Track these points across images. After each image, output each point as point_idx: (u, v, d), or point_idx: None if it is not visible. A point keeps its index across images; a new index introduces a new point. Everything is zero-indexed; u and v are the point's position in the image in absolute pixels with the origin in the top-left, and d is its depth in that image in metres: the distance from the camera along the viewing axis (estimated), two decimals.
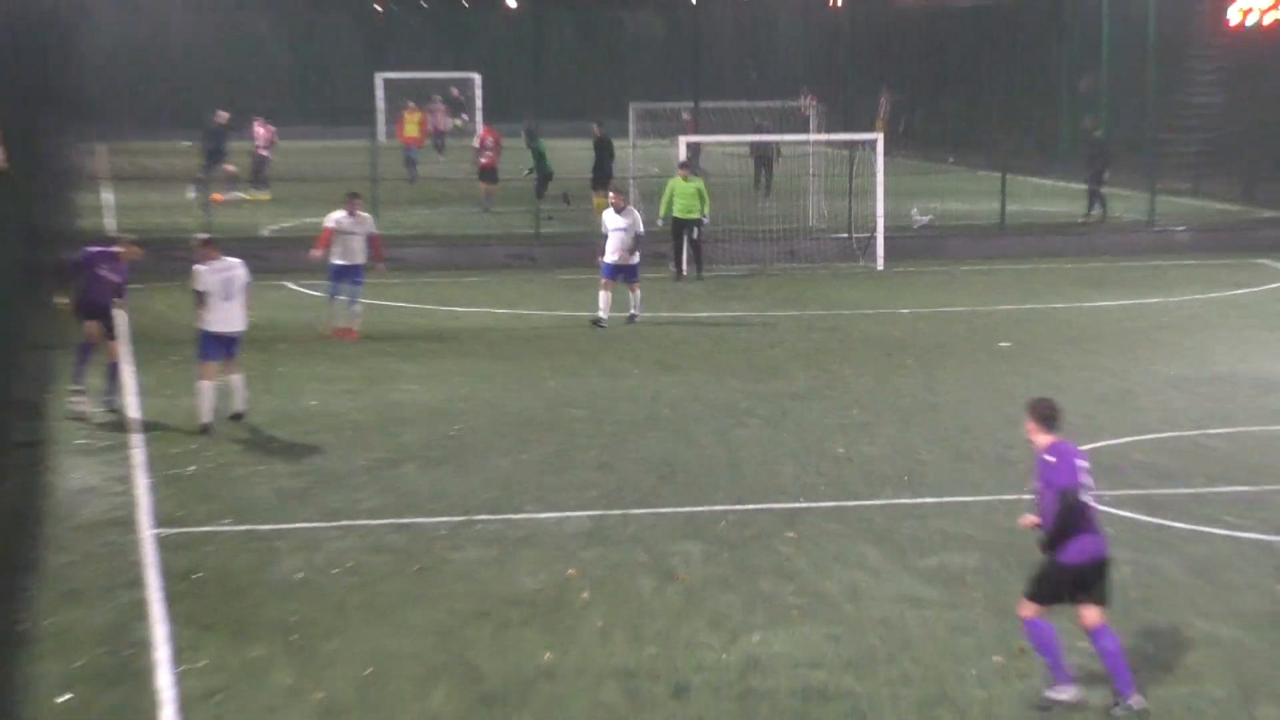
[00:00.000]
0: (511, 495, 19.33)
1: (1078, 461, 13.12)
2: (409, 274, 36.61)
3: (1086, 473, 13.14)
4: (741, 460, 20.90)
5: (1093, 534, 13.09)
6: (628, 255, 30.32)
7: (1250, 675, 13.83)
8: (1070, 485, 12.99)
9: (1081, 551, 13.07)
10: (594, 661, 14.11)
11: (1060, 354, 27.96)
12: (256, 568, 16.71)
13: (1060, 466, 13.16)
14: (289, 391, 24.97)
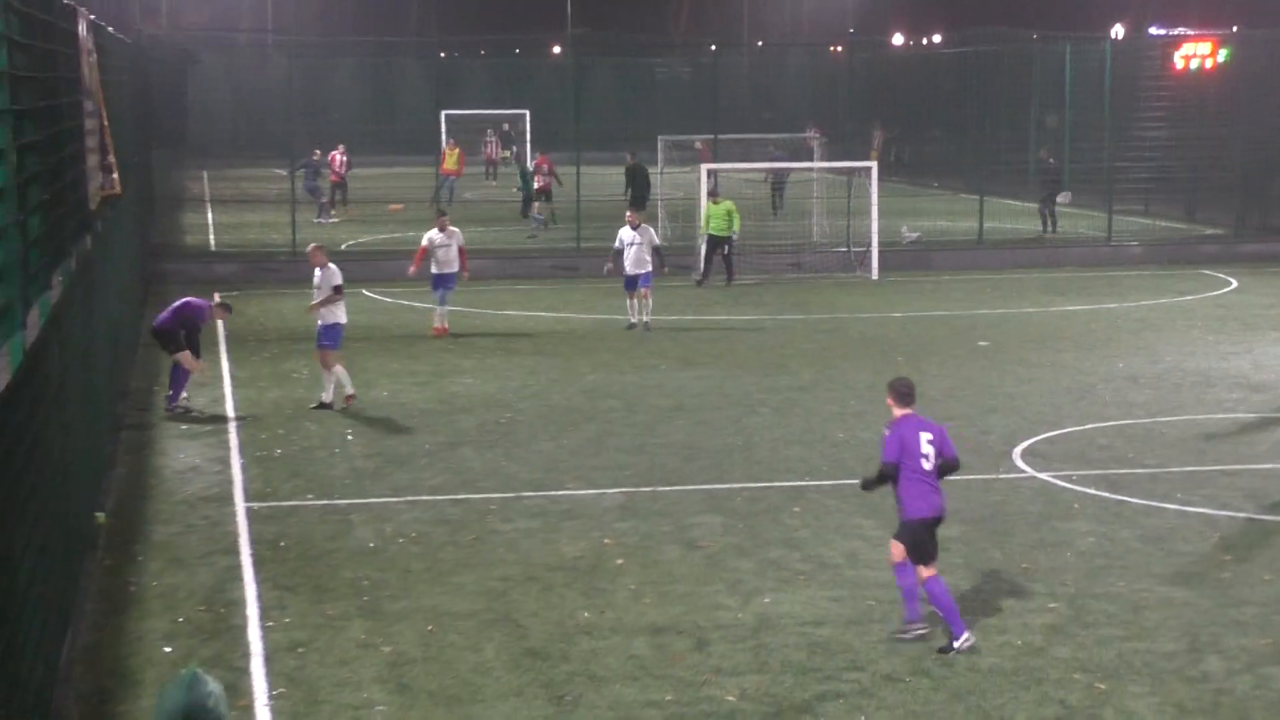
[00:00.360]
0: (555, 474, 19.18)
1: (919, 436, 13.36)
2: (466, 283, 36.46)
3: (928, 443, 13.32)
4: (754, 444, 20.73)
5: (930, 495, 13.33)
6: (642, 266, 29.71)
7: (1199, 632, 13.66)
8: (886, 460, 13.41)
9: (918, 509, 13.28)
10: (627, 619, 13.96)
11: (1030, 352, 27.77)
12: (334, 537, 16.58)
13: (888, 440, 13.49)
14: (363, 384, 24.81)
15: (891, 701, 12.11)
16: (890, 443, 13.47)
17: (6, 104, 9.43)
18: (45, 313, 11.67)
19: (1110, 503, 17.85)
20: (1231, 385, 24.66)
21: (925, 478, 13.34)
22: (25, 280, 10.24)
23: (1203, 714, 11.91)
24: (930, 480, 13.37)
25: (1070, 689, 12.37)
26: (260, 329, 30.73)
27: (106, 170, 19.08)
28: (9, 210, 9.45)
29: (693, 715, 11.85)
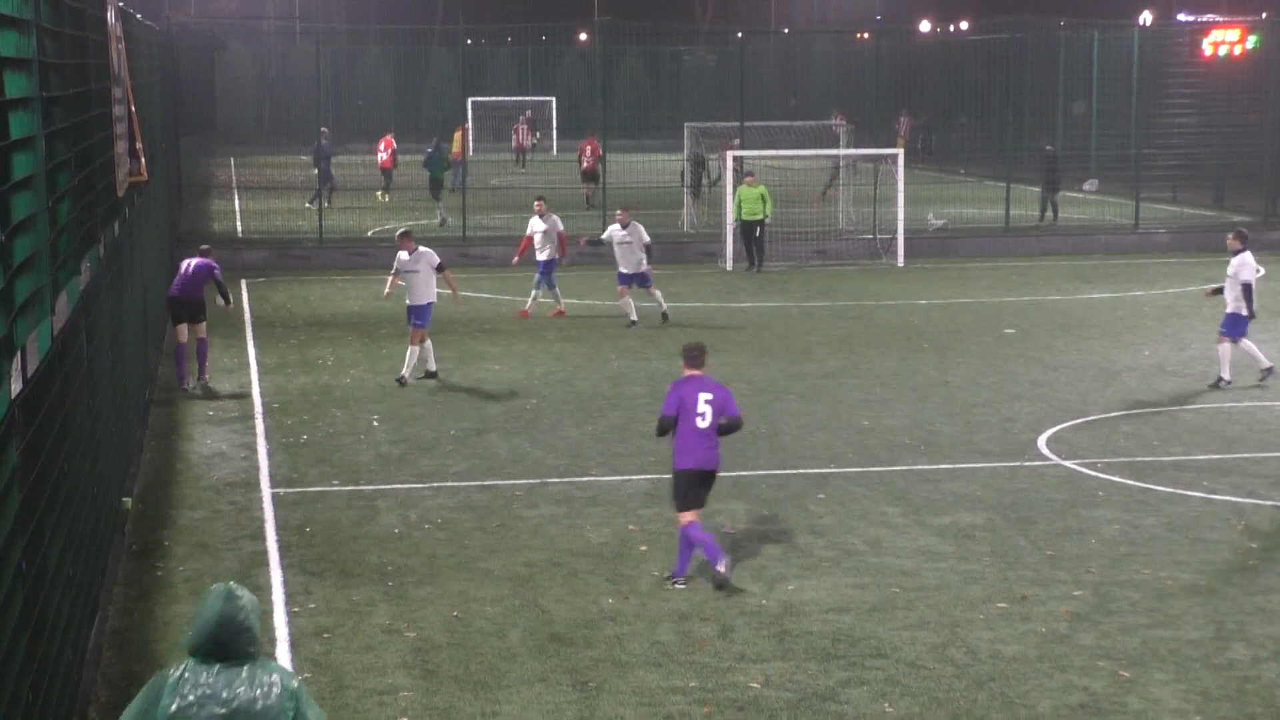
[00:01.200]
0: (580, 461, 19.21)
1: (698, 396, 14.40)
2: (492, 269, 36.59)
3: (705, 403, 14.36)
4: (780, 431, 20.73)
5: (698, 449, 14.35)
6: (636, 265, 29.08)
7: (1224, 620, 13.64)
8: (663, 414, 14.54)
9: (684, 461, 14.41)
10: (651, 605, 13.99)
11: (1056, 339, 27.73)
12: (359, 523, 16.63)
13: (668, 396, 14.60)
14: (390, 370, 24.89)
15: (915, 689, 12.12)
16: (670, 398, 14.57)
17: (36, 91, 9.48)
18: (74, 298, 11.73)
19: (1135, 490, 17.82)
20: (1258, 372, 24.57)
21: (698, 433, 14.40)
22: (54, 266, 10.30)
23: (1228, 701, 11.91)
24: (704, 436, 14.41)
25: (1094, 676, 12.37)
26: (287, 315, 30.81)
27: (134, 156, 19.16)
28: (38, 197, 9.50)
29: (716, 702, 11.88)
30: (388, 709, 11.76)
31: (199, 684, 7.13)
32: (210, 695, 7.11)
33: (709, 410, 14.38)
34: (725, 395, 14.60)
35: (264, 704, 7.11)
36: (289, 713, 7.17)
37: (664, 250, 39.55)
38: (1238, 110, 48.11)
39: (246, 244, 39.91)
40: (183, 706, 7.09)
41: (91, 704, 11.77)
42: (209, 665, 7.18)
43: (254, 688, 7.15)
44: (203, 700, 7.10)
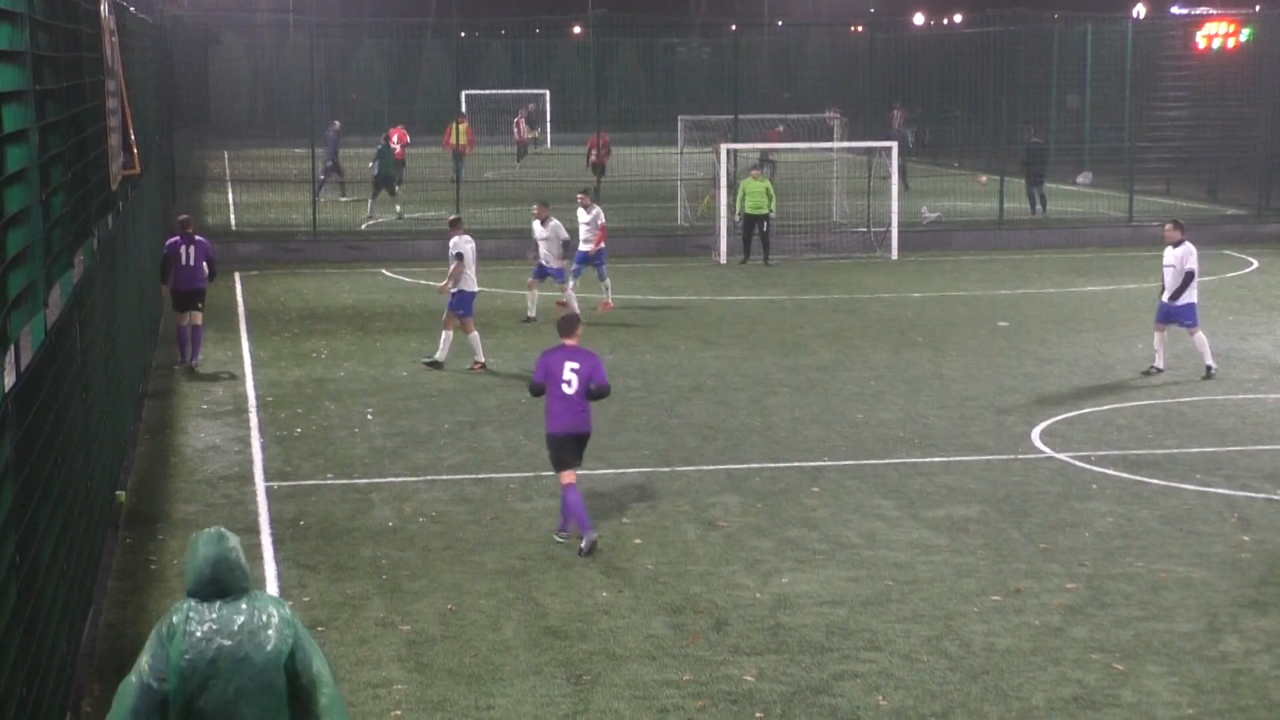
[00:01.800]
0: None
1: (564, 364, 15.39)
2: (485, 263, 36.49)
3: (571, 371, 15.33)
4: (773, 424, 20.74)
5: (565, 414, 15.34)
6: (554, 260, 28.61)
7: (1217, 613, 13.66)
8: (533, 381, 15.66)
9: (553, 426, 15.41)
10: (645, 599, 13.99)
11: (1050, 332, 27.75)
12: (353, 516, 16.63)
13: (538, 365, 15.67)
14: (384, 363, 24.91)
15: (909, 681, 12.13)
16: (538, 367, 15.64)
17: (29, 84, 9.46)
18: (68, 292, 11.72)
19: (1129, 483, 17.83)
20: (1252, 366, 24.62)
21: (565, 399, 15.35)
22: (48, 259, 10.28)
23: (1221, 694, 11.92)
24: (571, 402, 15.38)
25: (1088, 669, 12.38)
26: (281, 308, 30.80)
27: (127, 150, 19.13)
28: (32, 190, 9.49)
29: (710, 695, 11.88)
30: (382, 702, 11.76)
31: (204, 620, 7.80)
32: (216, 629, 7.79)
33: (575, 378, 15.32)
34: (593, 363, 15.48)
35: (265, 631, 7.82)
36: (289, 639, 7.85)
37: (659, 243, 39.60)
38: (1231, 103, 48.11)
39: (240, 237, 39.88)
40: (193, 643, 7.74)
41: (85, 697, 11.77)
42: (209, 603, 7.86)
43: (254, 618, 7.86)
44: (209, 635, 7.78)
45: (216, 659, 7.75)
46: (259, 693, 7.77)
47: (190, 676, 7.73)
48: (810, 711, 11.59)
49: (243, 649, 7.78)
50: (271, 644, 7.81)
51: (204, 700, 7.74)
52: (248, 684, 7.77)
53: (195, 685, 7.73)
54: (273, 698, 7.80)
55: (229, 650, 7.76)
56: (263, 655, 7.78)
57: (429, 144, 53.37)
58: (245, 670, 7.76)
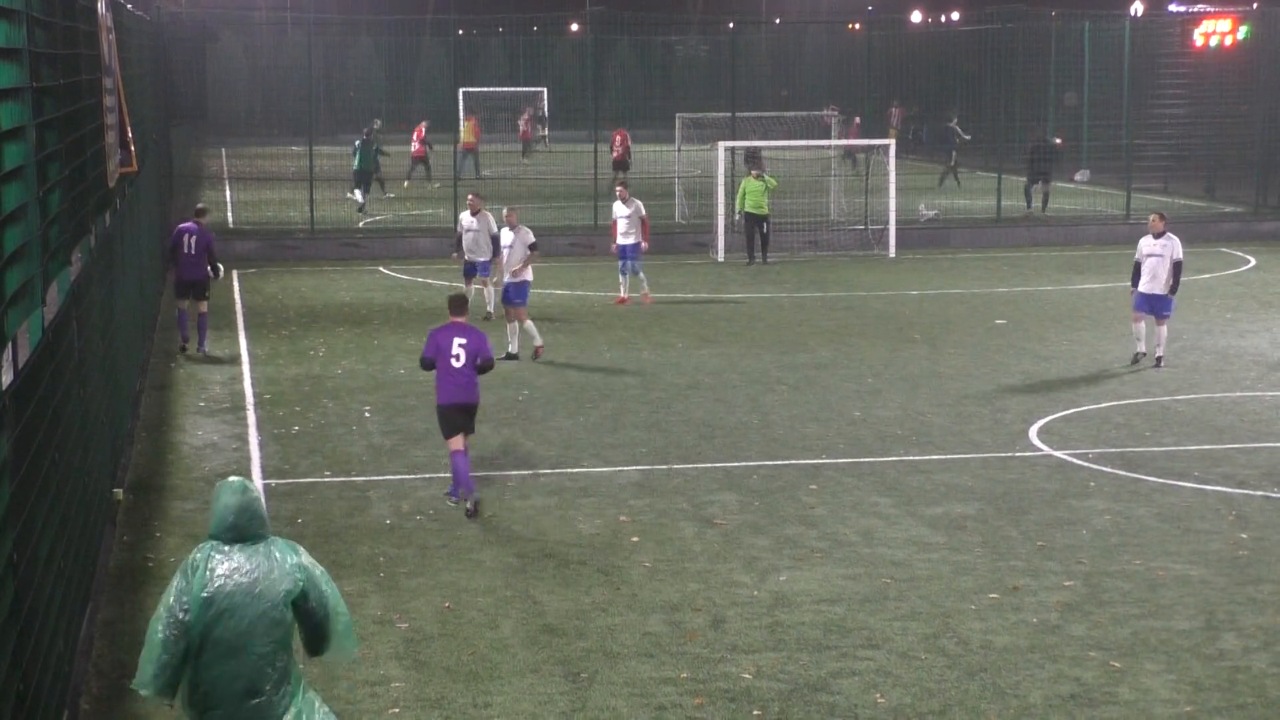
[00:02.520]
0: (571, 451, 19.21)
1: (453, 340, 16.57)
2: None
3: (459, 346, 16.49)
4: (771, 422, 20.74)
5: (452, 386, 16.51)
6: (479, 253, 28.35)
7: (1215, 610, 13.67)
8: (423, 355, 16.81)
9: (442, 397, 16.61)
10: (643, 596, 13.99)
11: (1048, 330, 27.76)
12: (351, 513, 16.63)
13: (428, 341, 16.82)
14: (382, 361, 24.91)
15: (906, 679, 12.13)
16: (428, 343, 16.76)
17: (26, 81, 9.45)
18: (65, 289, 11.71)
19: (1127, 481, 17.83)
20: (1249, 363, 24.63)
21: (453, 372, 16.51)
22: (45, 256, 10.28)
23: (1219, 691, 11.92)
24: (459, 375, 16.55)
25: (1086, 667, 12.38)
26: (279, 306, 30.80)
27: (124, 147, 19.12)
28: (29, 187, 9.48)
29: (708, 692, 11.88)
30: (379, 700, 11.76)
31: (224, 561, 8.85)
32: (235, 569, 8.83)
33: (463, 352, 16.53)
34: (480, 340, 16.74)
35: (280, 572, 8.86)
36: (300, 582, 8.90)
37: (656, 241, 39.50)
38: (1229, 101, 48.14)
39: (238, 234, 39.86)
40: (214, 579, 8.78)
41: (83, 695, 11.76)
42: (230, 546, 8.91)
43: (269, 562, 8.90)
44: (229, 574, 8.81)
45: (234, 595, 8.77)
46: (270, 626, 8.82)
47: (209, 609, 8.74)
48: (808, 709, 11.59)
49: (257, 587, 8.80)
50: (284, 585, 8.85)
51: (220, 630, 8.76)
52: (259, 618, 8.80)
53: (213, 617, 8.75)
54: (282, 630, 8.86)
55: (245, 588, 8.79)
56: (274, 594, 8.82)
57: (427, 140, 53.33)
58: (258, 606, 8.79)
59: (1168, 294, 24.10)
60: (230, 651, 8.80)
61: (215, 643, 8.80)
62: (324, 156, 47.92)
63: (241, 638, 8.81)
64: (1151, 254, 24.17)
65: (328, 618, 9.04)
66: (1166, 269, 24.02)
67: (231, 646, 8.80)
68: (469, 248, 28.43)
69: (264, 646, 8.82)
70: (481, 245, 28.31)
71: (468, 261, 28.67)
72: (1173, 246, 24.10)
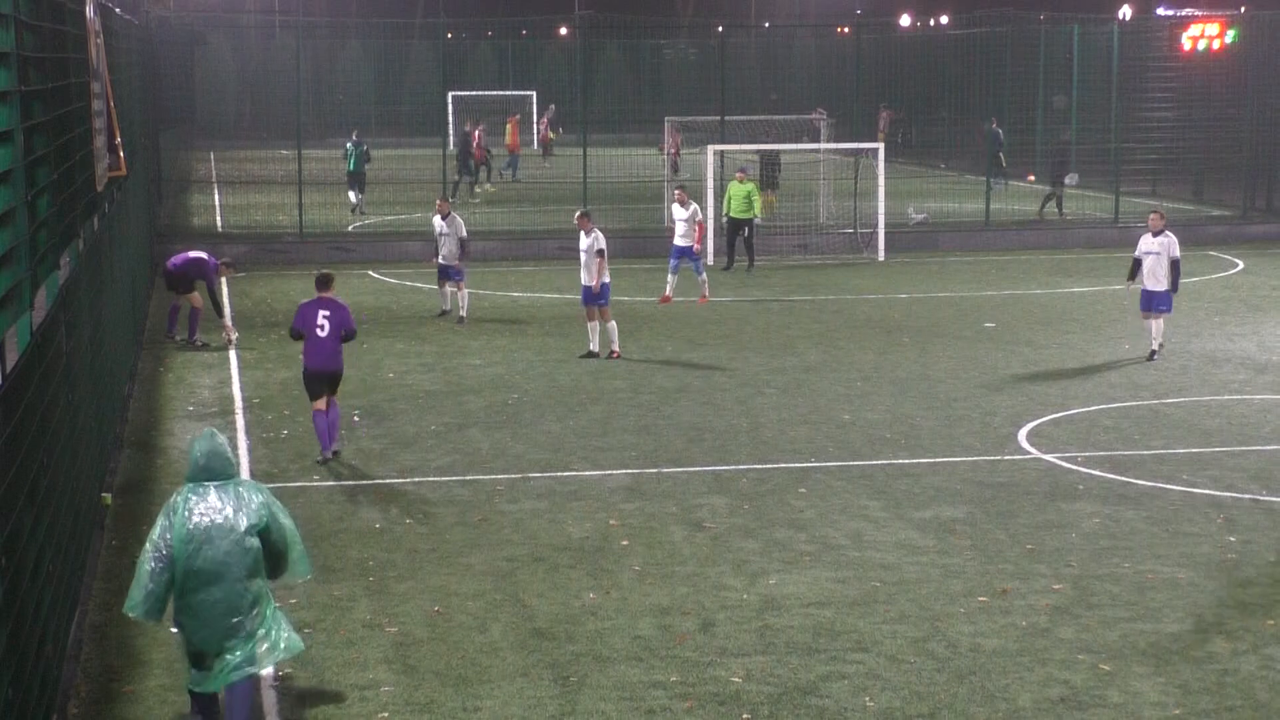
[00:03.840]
0: (561, 455, 19.20)
1: (318, 313, 18.56)
2: (472, 265, 36.49)
3: (324, 318, 18.47)
4: (760, 425, 20.74)
5: (317, 354, 18.52)
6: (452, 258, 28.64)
7: (1204, 614, 13.68)
8: (292, 327, 18.81)
9: (309, 362, 18.62)
10: (632, 600, 13.99)
11: (1037, 333, 27.78)
12: (340, 518, 16.62)
13: (296, 314, 18.82)
14: (371, 365, 24.88)
15: (896, 682, 12.14)
16: (297, 316, 18.76)
17: (14, 85, 9.44)
18: (53, 293, 11.70)
19: (1115, 484, 17.85)
20: (1237, 367, 24.67)
21: (319, 341, 18.49)
22: (34, 260, 10.26)
23: (1207, 694, 11.94)
24: (324, 344, 18.52)
25: (1075, 670, 12.40)
26: (268, 310, 30.76)
27: (113, 151, 19.10)
28: (17, 191, 9.47)
29: (698, 696, 11.88)
30: (369, 704, 11.75)
31: (200, 498, 10.57)
32: (210, 507, 10.53)
33: (327, 324, 18.46)
34: (344, 313, 18.66)
35: (248, 508, 10.58)
36: (264, 516, 10.61)
37: (647, 245, 39.55)
38: (1217, 104, 48.22)
39: (227, 238, 39.80)
40: (192, 517, 10.47)
41: (71, 699, 11.74)
42: (203, 486, 10.62)
43: (238, 499, 10.61)
44: (205, 511, 10.50)
45: (209, 529, 10.45)
46: (241, 554, 10.49)
47: (189, 541, 10.42)
48: (798, 712, 11.60)
49: (229, 521, 10.49)
50: (250, 518, 10.54)
51: (199, 560, 10.41)
52: (233, 547, 10.47)
53: (193, 548, 10.42)
54: (251, 557, 10.52)
55: (218, 523, 10.47)
56: (244, 526, 10.51)
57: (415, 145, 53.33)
58: (230, 537, 10.47)
59: (1168, 290, 24.85)
60: (211, 578, 10.44)
61: (197, 572, 10.43)
62: (313, 160, 47.96)
63: (219, 565, 10.44)
64: (1150, 252, 25.07)
65: (286, 546, 10.80)
66: (1165, 266, 24.82)
67: (211, 574, 10.44)
68: (442, 251, 28.58)
69: (238, 571, 10.47)
70: (452, 249, 28.41)
71: (441, 265, 28.76)
72: (1170, 244, 24.92)
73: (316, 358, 18.56)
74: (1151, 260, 24.99)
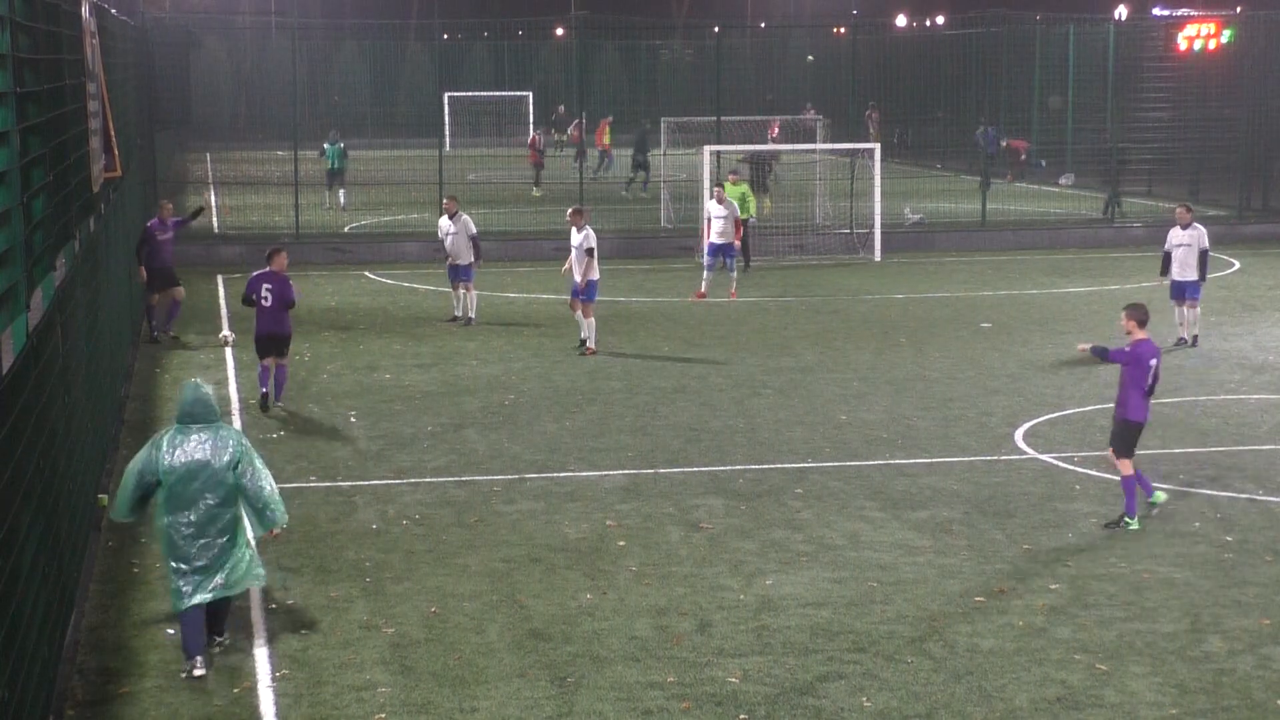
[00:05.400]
0: (558, 456, 19.20)
1: (262, 285, 21.34)
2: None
3: (266, 290, 21.19)
4: (757, 426, 20.74)
5: (265, 321, 21.29)
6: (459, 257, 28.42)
7: (1200, 613, 13.69)
8: (244, 295, 21.59)
9: (259, 329, 21.38)
10: (629, 601, 13.99)
11: (1033, 333, 27.79)
12: (336, 519, 16.61)
13: (247, 284, 21.48)
14: (367, 366, 24.88)
15: (893, 683, 12.14)
16: (247, 286, 21.51)
17: (10, 86, 9.43)
18: (49, 294, 11.69)
19: (1112, 484, 17.83)
20: (1234, 366, 24.69)
21: (265, 310, 21.34)
22: (29, 262, 10.26)
23: (1204, 694, 11.94)
24: (269, 311, 21.32)
25: (1071, 670, 12.40)
26: None
27: (108, 152, 19.10)
28: (13, 193, 9.46)
29: (695, 697, 11.87)
30: (366, 705, 11.74)
31: (185, 437, 12.51)
32: (192, 445, 12.47)
33: (270, 295, 21.27)
34: (284, 284, 21.38)
35: (227, 448, 12.51)
36: (239, 455, 12.52)
37: (641, 245, 39.59)
38: (1212, 105, 48.23)
39: (223, 239, 39.79)
40: (176, 451, 12.43)
41: (67, 701, 11.74)
42: (188, 428, 12.53)
43: (217, 439, 12.56)
44: (189, 449, 12.45)
45: (190, 463, 12.40)
46: (216, 485, 12.42)
47: (172, 473, 12.37)
48: (795, 713, 11.60)
49: (207, 457, 12.42)
50: (227, 456, 12.47)
51: (181, 487, 12.35)
52: (209, 478, 12.40)
53: (175, 479, 12.35)
54: (225, 488, 12.44)
55: (199, 459, 12.42)
56: (221, 463, 12.44)
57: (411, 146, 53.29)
58: (208, 471, 12.40)
59: (1198, 280, 26.06)
60: (188, 504, 12.36)
61: (178, 496, 12.35)
62: (309, 161, 47.95)
63: (196, 493, 12.36)
64: (1180, 244, 26.32)
65: (260, 485, 12.53)
66: (1195, 257, 26.02)
67: (189, 500, 12.36)
68: (450, 251, 28.48)
69: (213, 500, 12.39)
70: (461, 248, 28.33)
71: (451, 265, 28.70)
72: (1199, 236, 26.23)
73: (264, 324, 21.38)
74: (1182, 252, 26.17)
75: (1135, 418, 16.34)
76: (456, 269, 28.70)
